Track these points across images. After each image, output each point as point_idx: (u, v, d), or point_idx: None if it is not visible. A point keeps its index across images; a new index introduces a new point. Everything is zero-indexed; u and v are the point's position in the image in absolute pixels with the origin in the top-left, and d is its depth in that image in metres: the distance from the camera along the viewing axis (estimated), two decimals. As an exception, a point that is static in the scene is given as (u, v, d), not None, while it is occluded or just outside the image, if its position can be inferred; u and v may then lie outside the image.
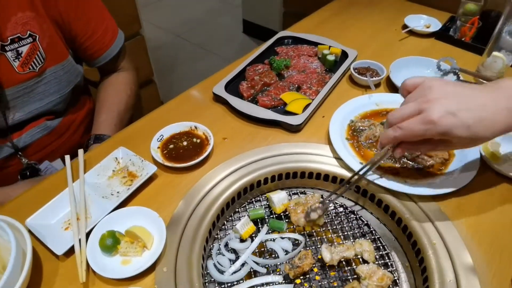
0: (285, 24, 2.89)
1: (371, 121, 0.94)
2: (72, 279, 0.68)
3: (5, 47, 0.91)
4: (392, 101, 1.00)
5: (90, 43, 1.10)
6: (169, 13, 3.85)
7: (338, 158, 0.87)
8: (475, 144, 0.66)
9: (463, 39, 1.24)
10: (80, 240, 0.71)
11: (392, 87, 1.08)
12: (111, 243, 0.70)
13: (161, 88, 2.48)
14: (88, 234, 0.72)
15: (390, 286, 0.72)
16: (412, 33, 1.33)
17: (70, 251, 0.71)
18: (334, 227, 0.82)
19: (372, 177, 0.80)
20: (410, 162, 0.85)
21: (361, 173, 0.79)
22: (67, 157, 0.87)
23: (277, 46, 1.25)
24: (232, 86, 1.07)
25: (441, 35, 1.28)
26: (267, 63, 1.14)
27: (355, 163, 0.83)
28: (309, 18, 1.47)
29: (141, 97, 2.10)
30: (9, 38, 0.91)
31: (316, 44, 1.22)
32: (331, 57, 1.12)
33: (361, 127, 0.93)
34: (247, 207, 0.87)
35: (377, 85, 1.09)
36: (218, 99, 1.05)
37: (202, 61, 3.23)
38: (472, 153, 0.84)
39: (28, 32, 0.93)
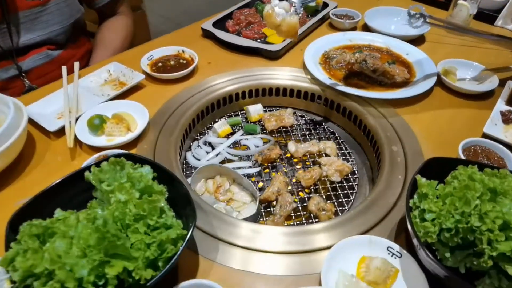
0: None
1: (343, 50, 1.03)
2: (60, 153, 0.76)
3: None
4: (365, 38, 1.09)
5: None
6: (171, 2, 3.98)
7: (312, 78, 0.95)
8: None
9: (435, -2, 1.35)
10: (70, 122, 0.79)
11: (367, 30, 1.17)
12: (98, 122, 0.78)
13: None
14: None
15: (349, 175, 0.79)
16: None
17: (61, 133, 0.78)
18: (302, 132, 0.90)
19: (340, 88, 0.88)
20: (376, 78, 0.93)
21: None
22: (64, 67, 0.96)
23: (265, -2, 1.35)
24: (219, 25, 1.17)
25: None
26: (253, 9, 1.24)
27: (325, 79, 0.91)
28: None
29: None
30: None
31: (300, -2, 1.32)
32: (312, 4, 1.22)
33: (333, 55, 1.02)
34: (227, 119, 0.95)
35: (353, 29, 1.18)
36: (206, 34, 1.14)
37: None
38: (431, 75, 0.92)
39: None
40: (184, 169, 0.82)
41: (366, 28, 1.17)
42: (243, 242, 0.58)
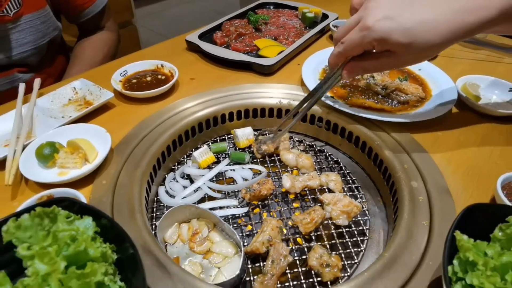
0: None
1: (346, 65, 0.90)
2: (-1, 190, 0.61)
3: None
4: (371, 52, 0.96)
5: None
6: (168, 21, 3.91)
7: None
8: (424, 55, 0.59)
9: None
10: (15, 151, 0.65)
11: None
12: (48, 152, 0.63)
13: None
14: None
15: (359, 216, 0.64)
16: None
17: (4, 165, 0.64)
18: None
19: (344, 109, 0.74)
20: (385, 98, 0.79)
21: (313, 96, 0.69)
22: (22, 85, 0.82)
23: (258, 10, 1.23)
24: (207, 38, 1.04)
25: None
26: (245, 20, 1.12)
27: (327, 98, 0.77)
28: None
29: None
30: None
31: (297, 8, 1.20)
32: (310, 14, 1.10)
33: (336, 70, 0.88)
34: (210, 146, 0.80)
35: (357, 42, 1.05)
36: (191, 47, 1.01)
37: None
38: (449, 93, 0.79)
39: None
40: (155, 209, 0.67)
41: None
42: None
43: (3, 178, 0.61)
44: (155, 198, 0.68)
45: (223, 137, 0.83)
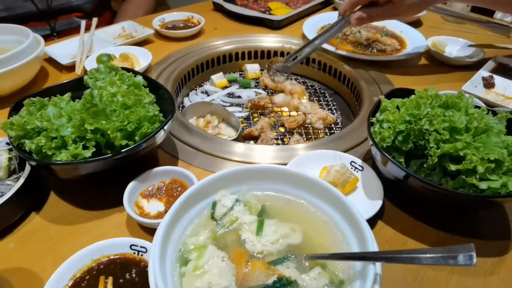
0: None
1: (341, 24, 1.09)
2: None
3: None
4: (364, 18, 1.15)
5: None
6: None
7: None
8: (417, 6, 0.76)
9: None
10: (81, 59, 0.88)
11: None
12: (106, 59, 0.86)
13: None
14: (89, 61, 0.89)
15: (333, 125, 0.84)
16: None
17: (72, 69, 0.87)
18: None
19: (333, 50, 0.94)
20: (367, 47, 0.98)
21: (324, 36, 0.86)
22: (83, 21, 1.06)
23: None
24: (230, 1, 1.25)
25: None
26: (263, -9, 1.33)
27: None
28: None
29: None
30: None
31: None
32: (317, -11, 1.30)
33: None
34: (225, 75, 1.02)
35: (355, 12, 1.25)
36: (216, 7, 1.23)
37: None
38: (420, 46, 0.97)
39: None
40: (181, 107, 0.88)
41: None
42: (220, 152, 0.63)
43: (72, 76, 0.85)
44: (181, 105, 0.90)
45: (235, 72, 1.04)
